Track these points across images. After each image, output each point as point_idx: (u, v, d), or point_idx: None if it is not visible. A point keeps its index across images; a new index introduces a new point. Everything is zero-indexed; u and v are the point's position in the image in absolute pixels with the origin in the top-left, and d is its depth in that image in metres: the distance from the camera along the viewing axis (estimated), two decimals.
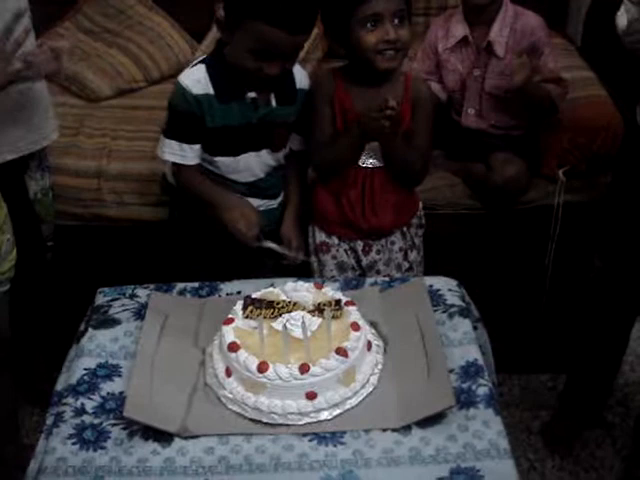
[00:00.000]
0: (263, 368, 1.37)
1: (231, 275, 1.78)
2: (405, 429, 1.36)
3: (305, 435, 1.36)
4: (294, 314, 1.48)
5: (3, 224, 1.72)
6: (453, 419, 1.38)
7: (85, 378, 1.50)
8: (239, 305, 1.53)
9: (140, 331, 1.58)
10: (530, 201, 2.35)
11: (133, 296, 1.71)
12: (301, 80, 1.89)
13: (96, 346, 1.57)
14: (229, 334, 1.45)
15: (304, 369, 1.36)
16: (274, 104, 1.84)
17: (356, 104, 1.86)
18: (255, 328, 1.46)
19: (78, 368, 1.52)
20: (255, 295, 1.55)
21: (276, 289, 1.58)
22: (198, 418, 1.39)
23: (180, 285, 1.75)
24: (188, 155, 1.84)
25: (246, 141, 1.86)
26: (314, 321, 1.47)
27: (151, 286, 1.74)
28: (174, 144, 1.83)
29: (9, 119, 1.87)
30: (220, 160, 1.87)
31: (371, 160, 1.90)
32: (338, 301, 1.52)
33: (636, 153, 1.93)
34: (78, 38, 2.80)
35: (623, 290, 2.02)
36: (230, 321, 1.49)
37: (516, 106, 2.29)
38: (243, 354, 1.40)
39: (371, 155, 1.90)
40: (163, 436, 1.36)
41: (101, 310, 1.67)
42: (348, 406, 1.40)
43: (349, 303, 1.53)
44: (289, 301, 1.53)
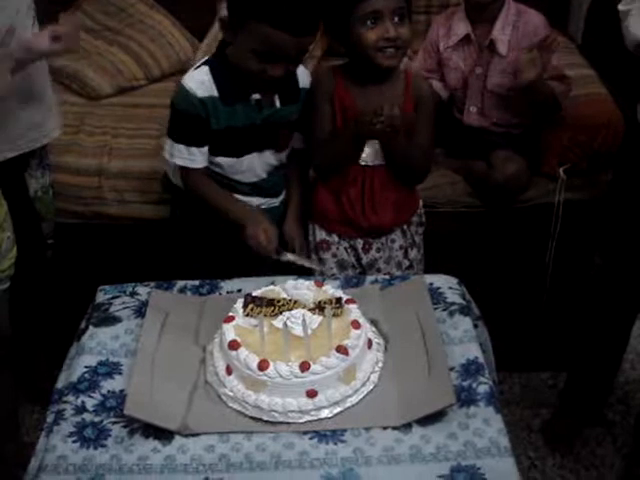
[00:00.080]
0: (264, 366, 1.37)
1: (232, 273, 1.78)
2: (406, 427, 1.36)
3: (306, 433, 1.36)
4: (295, 312, 1.48)
5: (3, 222, 1.72)
6: (454, 417, 1.38)
7: (86, 376, 1.50)
8: (240, 303, 1.53)
9: (141, 329, 1.58)
10: (531, 199, 2.35)
11: (134, 294, 1.71)
12: (304, 79, 1.88)
13: (97, 344, 1.57)
14: (230, 332, 1.45)
15: (305, 367, 1.36)
16: (278, 105, 1.84)
17: (356, 102, 1.86)
18: (256, 326, 1.46)
19: (79, 366, 1.52)
20: (256, 293, 1.55)
21: (277, 287, 1.58)
22: (198, 416, 1.40)
23: (181, 283, 1.75)
24: (197, 158, 1.84)
25: (250, 142, 1.86)
26: (315, 319, 1.47)
27: (152, 284, 1.74)
28: (182, 148, 1.83)
29: (10, 117, 1.87)
30: (223, 161, 1.87)
31: (371, 158, 1.90)
32: (339, 299, 1.52)
33: (637, 151, 1.92)
34: (79, 41, 2.79)
35: (624, 288, 2.02)
36: (231, 319, 1.49)
37: (519, 104, 2.29)
38: (244, 352, 1.40)
39: (371, 153, 1.90)
40: (164, 434, 1.36)
41: (102, 308, 1.67)
42: (349, 404, 1.40)
43: (350, 301, 1.53)
44: (290, 299, 1.53)
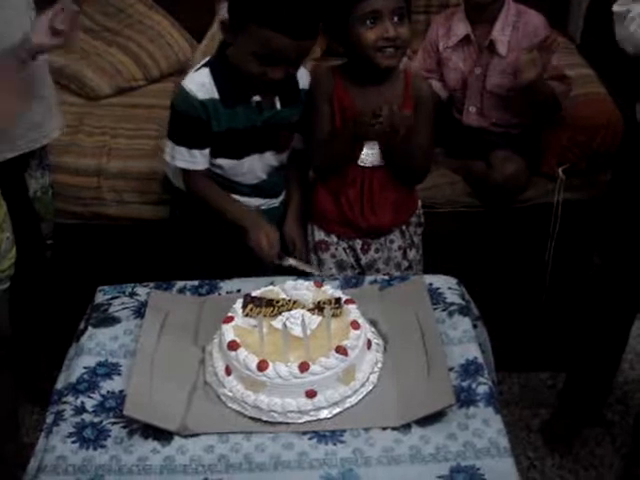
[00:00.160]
0: (263, 366, 1.37)
1: (232, 274, 1.78)
2: (405, 427, 1.36)
3: (305, 433, 1.36)
4: (294, 312, 1.48)
5: (3, 222, 1.72)
6: (453, 417, 1.38)
7: (85, 377, 1.50)
8: (239, 303, 1.53)
9: (140, 329, 1.58)
10: (530, 199, 2.35)
11: (133, 294, 1.71)
12: (304, 80, 1.88)
13: (96, 344, 1.57)
14: (229, 332, 1.45)
15: (304, 367, 1.36)
16: (278, 106, 1.83)
17: (355, 102, 1.86)
18: (255, 326, 1.46)
19: (78, 367, 1.52)
20: (255, 293, 1.55)
21: (276, 287, 1.58)
22: (198, 416, 1.39)
23: (180, 283, 1.74)
24: (198, 160, 1.84)
25: (250, 144, 1.86)
26: (314, 319, 1.46)
27: (151, 284, 1.73)
28: (184, 150, 1.82)
29: None
30: (223, 163, 1.87)
31: (371, 159, 1.90)
32: (338, 299, 1.52)
33: (636, 151, 1.92)
34: (79, 37, 2.79)
35: (623, 288, 2.02)
36: (230, 319, 1.49)
37: (519, 104, 2.29)
38: (243, 352, 1.40)
39: (371, 154, 1.90)
40: (163, 434, 1.36)
41: (101, 308, 1.67)
42: (348, 404, 1.40)
43: (349, 301, 1.53)
44: (289, 299, 1.53)
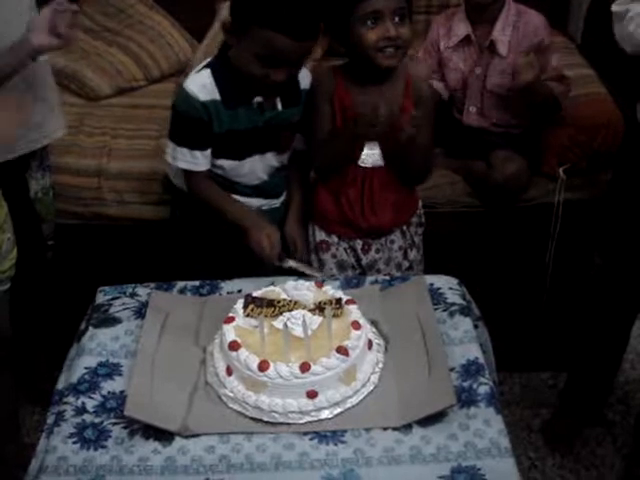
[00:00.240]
0: (264, 367, 1.37)
1: (232, 274, 1.78)
2: (406, 428, 1.36)
3: (306, 434, 1.36)
4: (295, 313, 1.48)
5: (4, 223, 1.72)
6: (454, 418, 1.38)
7: (86, 377, 1.50)
8: (240, 304, 1.53)
9: (141, 330, 1.58)
10: (530, 199, 2.35)
11: (134, 295, 1.71)
12: (305, 81, 1.87)
13: (97, 345, 1.57)
14: (230, 333, 1.45)
15: (305, 368, 1.36)
16: (280, 107, 1.83)
17: (356, 103, 1.86)
18: (256, 327, 1.46)
19: (79, 367, 1.52)
20: (256, 294, 1.55)
21: (277, 288, 1.58)
22: (199, 417, 1.39)
23: (181, 284, 1.74)
24: (200, 161, 1.84)
25: (252, 145, 1.85)
26: (315, 320, 1.46)
27: (152, 285, 1.73)
28: (185, 151, 1.82)
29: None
30: (225, 163, 1.87)
31: (371, 160, 1.90)
32: (339, 300, 1.52)
33: (636, 151, 1.92)
34: (78, 37, 2.79)
35: (623, 288, 2.02)
36: (231, 320, 1.49)
37: (518, 105, 2.29)
38: (244, 353, 1.40)
39: (371, 155, 1.90)
40: (164, 435, 1.36)
41: (102, 309, 1.67)
42: (349, 405, 1.40)
43: (350, 302, 1.53)
44: (290, 300, 1.53)
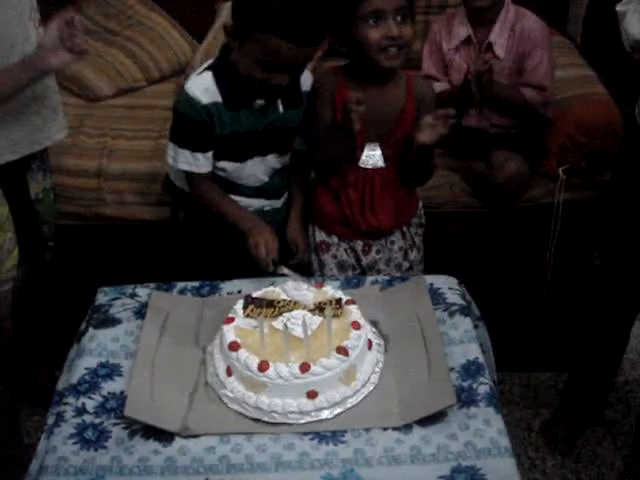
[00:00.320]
0: (264, 367, 1.37)
1: (232, 274, 1.78)
2: (406, 428, 1.36)
3: (306, 434, 1.36)
4: (295, 313, 1.48)
5: (5, 222, 1.72)
6: (454, 418, 1.38)
7: (86, 377, 1.50)
8: (240, 304, 1.53)
9: (141, 330, 1.58)
10: (530, 199, 2.35)
11: (133, 295, 1.71)
12: (306, 83, 1.87)
13: (97, 345, 1.57)
14: (230, 333, 1.45)
15: (305, 368, 1.37)
16: (281, 110, 1.83)
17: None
18: (256, 327, 1.46)
19: (79, 368, 1.52)
20: (256, 294, 1.55)
21: (277, 288, 1.58)
22: (199, 417, 1.40)
23: (180, 284, 1.75)
24: (201, 163, 1.83)
25: (253, 147, 1.85)
26: (315, 320, 1.47)
27: (152, 285, 1.74)
28: (187, 153, 1.82)
29: (12, 120, 1.86)
30: (226, 165, 1.87)
31: (372, 161, 1.90)
32: (339, 300, 1.52)
33: (636, 151, 1.92)
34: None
35: (623, 288, 2.02)
36: (231, 320, 1.49)
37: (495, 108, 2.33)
38: (244, 353, 1.40)
39: (371, 156, 1.90)
40: (164, 435, 1.37)
41: (102, 309, 1.67)
42: (349, 405, 1.40)
43: (350, 302, 1.53)
44: (290, 300, 1.53)
